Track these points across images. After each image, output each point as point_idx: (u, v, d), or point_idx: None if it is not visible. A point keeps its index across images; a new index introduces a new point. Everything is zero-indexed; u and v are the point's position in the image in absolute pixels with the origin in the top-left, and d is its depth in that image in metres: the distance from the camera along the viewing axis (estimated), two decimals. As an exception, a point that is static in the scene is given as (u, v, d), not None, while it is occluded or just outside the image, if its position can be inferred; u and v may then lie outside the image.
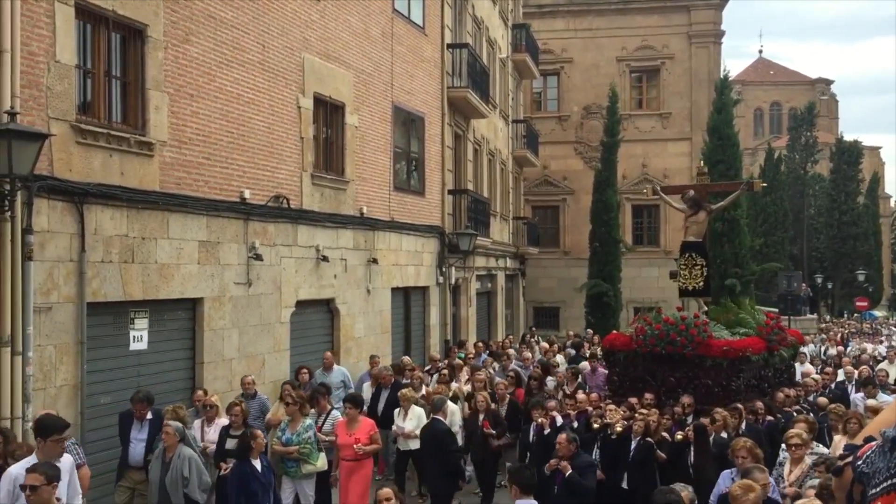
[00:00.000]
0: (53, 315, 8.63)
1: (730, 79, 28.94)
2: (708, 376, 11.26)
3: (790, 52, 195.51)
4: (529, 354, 17.17)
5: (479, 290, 24.01)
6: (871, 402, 10.91)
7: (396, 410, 10.86)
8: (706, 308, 12.70)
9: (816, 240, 54.87)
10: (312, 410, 10.06)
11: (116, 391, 9.52)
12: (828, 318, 45.31)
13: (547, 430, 10.03)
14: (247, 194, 11.89)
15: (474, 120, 22.58)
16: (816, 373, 15.28)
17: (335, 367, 12.90)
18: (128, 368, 9.90)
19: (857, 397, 12.18)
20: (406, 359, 14.99)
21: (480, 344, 18.39)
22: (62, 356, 8.75)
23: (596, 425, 9.89)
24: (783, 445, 8.30)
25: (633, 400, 10.85)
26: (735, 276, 25.43)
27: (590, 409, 10.71)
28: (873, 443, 2.07)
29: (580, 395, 11.47)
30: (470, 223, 20.50)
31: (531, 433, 10.38)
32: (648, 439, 9.35)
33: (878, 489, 1.96)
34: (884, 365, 16.62)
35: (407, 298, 18.18)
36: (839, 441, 8.37)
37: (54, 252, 8.66)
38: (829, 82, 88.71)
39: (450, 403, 10.74)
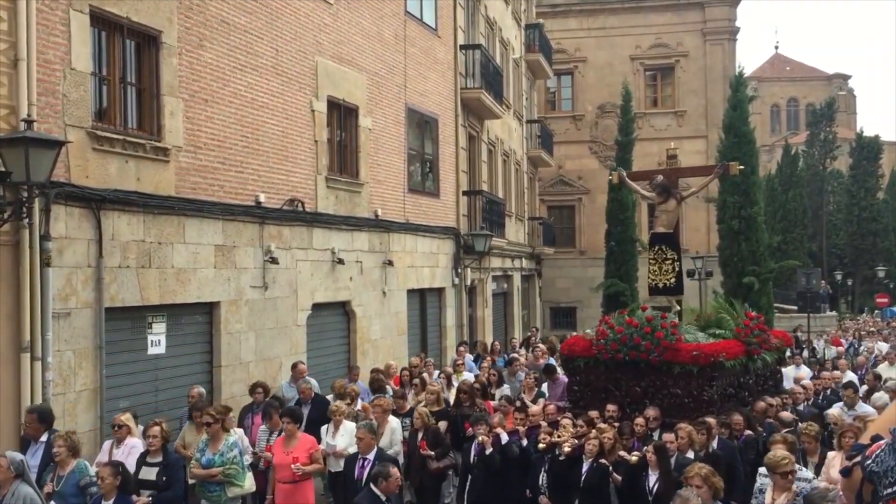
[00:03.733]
0: (72, 320, 8.71)
1: (745, 75, 28.77)
2: (677, 385, 9.93)
3: (807, 47, 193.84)
4: (521, 358, 15.40)
5: (495, 291, 23.99)
6: (833, 412, 9.89)
7: (324, 427, 9.49)
8: (678, 308, 11.39)
9: (836, 236, 54.31)
10: (263, 427, 9.28)
11: (135, 395, 9.59)
12: (852, 315, 44.80)
13: (489, 450, 8.61)
14: (262, 198, 11.94)
15: (488, 121, 22.57)
16: (813, 377, 13.99)
17: (309, 378, 11.48)
18: (146, 373, 9.97)
19: (834, 407, 10.81)
20: (392, 363, 13.88)
21: (462, 348, 16.34)
22: (81, 361, 8.83)
23: (542, 445, 8.57)
24: (761, 469, 7.15)
25: (594, 413, 9.55)
26: (753, 274, 25.25)
27: (543, 423, 9.34)
28: (882, 441, 2.05)
29: (533, 408, 10.01)
30: (485, 224, 20.49)
31: (472, 453, 8.93)
32: (603, 461, 8.11)
33: (892, 489, 1.93)
34: (882, 367, 15.30)
35: (423, 300, 18.19)
36: (833, 458, 7.64)
37: (72, 258, 8.74)
38: (846, 77, 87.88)
39: (391, 419, 9.56)
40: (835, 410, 9.95)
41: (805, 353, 19.75)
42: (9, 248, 8.07)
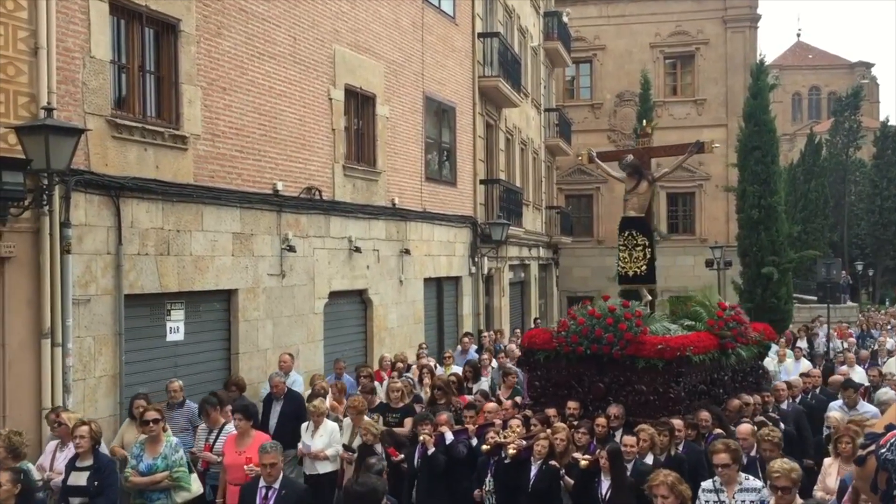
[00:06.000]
0: (92, 307, 8.80)
1: (766, 63, 28.44)
2: (641, 381, 9.15)
3: (829, 35, 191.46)
4: (514, 347, 14.47)
5: (513, 280, 23.96)
6: (834, 414, 9.08)
7: (304, 425, 8.98)
8: (649, 298, 10.60)
9: (857, 226, 53.77)
10: (203, 425, 8.53)
11: (154, 382, 9.65)
12: (874, 306, 44.21)
13: (430, 450, 8.09)
14: (279, 186, 11.98)
15: (506, 109, 22.49)
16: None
17: (293, 373, 11.14)
18: (165, 359, 10.05)
19: (834, 405, 9.97)
20: (385, 355, 13.35)
21: (466, 339, 15.71)
22: (101, 347, 8.92)
23: (486, 447, 7.97)
24: (705, 485, 6.43)
25: (551, 411, 8.98)
26: (772, 264, 25.06)
27: (497, 421, 8.64)
28: None
29: (488, 405, 9.35)
30: (502, 213, 20.45)
31: (416, 455, 8.34)
32: (553, 463, 7.53)
33: None
34: (892, 362, 14.57)
35: (440, 289, 18.20)
36: (829, 465, 7.19)
37: (92, 245, 8.82)
38: (869, 65, 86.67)
39: (364, 419, 8.99)
40: (836, 413, 9.18)
41: (801, 345, 18.33)
42: (29, 236, 8.15)
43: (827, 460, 7.31)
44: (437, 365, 13.46)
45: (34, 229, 8.17)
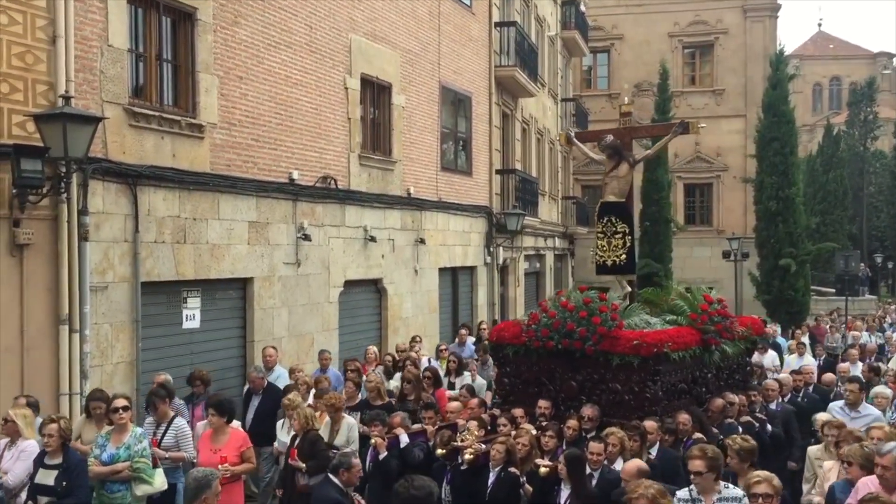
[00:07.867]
0: (109, 294, 8.87)
1: (786, 53, 28.21)
2: (616, 379, 8.50)
3: (851, 25, 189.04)
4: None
5: (528, 270, 23.92)
6: (822, 416, 8.39)
7: (280, 423, 8.53)
8: (629, 289, 10.02)
9: (876, 218, 53.20)
10: (150, 419, 7.85)
11: (170, 369, 9.72)
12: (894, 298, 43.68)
13: (382, 454, 7.48)
14: (295, 175, 12.01)
15: (522, 99, 22.39)
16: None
17: (277, 367, 10.47)
18: (181, 346, 10.14)
19: (834, 406, 9.17)
20: (371, 348, 12.52)
21: (463, 331, 14.96)
22: (118, 334, 9.00)
23: (440, 451, 7.37)
24: (680, 494, 5.77)
25: (518, 412, 8.40)
26: (790, 256, 24.90)
27: (461, 422, 8.05)
28: None
29: (452, 403, 8.79)
30: (518, 203, 20.40)
31: (367, 459, 7.64)
32: (512, 470, 6.91)
33: None
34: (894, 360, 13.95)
35: (455, 278, 18.21)
36: (829, 469, 6.66)
37: (109, 233, 8.89)
38: (891, 56, 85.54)
39: (346, 417, 8.43)
40: (822, 415, 8.45)
41: (803, 340, 17.98)
42: (48, 223, 8.22)
43: (827, 463, 6.80)
44: (432, 359, 12.87)
45: (52, 217, 8.24)
